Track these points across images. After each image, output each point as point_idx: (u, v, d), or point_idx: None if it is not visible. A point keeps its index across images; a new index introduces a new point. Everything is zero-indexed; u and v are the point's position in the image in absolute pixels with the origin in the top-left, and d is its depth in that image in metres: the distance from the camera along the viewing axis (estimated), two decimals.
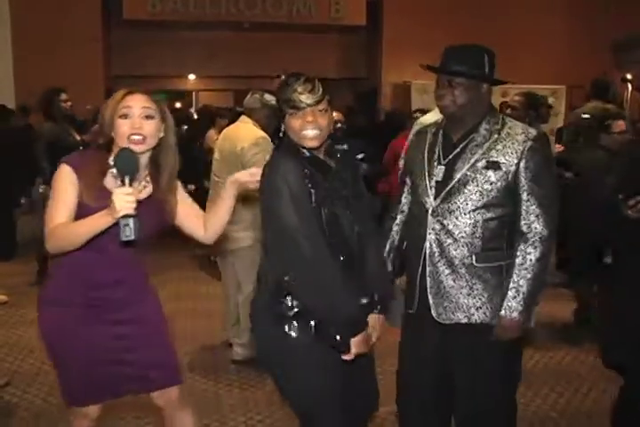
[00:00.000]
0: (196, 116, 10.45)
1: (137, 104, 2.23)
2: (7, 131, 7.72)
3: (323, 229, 2.16)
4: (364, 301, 2.30)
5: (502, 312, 2.39)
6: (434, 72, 2.49)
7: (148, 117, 2.24)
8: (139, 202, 2.02)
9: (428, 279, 2.48)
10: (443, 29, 12.10)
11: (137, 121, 2.21)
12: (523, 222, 2.39)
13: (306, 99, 2.12)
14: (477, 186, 2.38)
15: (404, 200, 2.73)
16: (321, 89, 2.15)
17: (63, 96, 5.65)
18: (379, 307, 2.36)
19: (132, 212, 1.95)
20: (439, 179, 2.45)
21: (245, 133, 4.04)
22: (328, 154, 2.28)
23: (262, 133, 3.98)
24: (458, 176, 2.41)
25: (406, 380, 2.70)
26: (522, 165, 2.37)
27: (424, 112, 5.32)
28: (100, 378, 2.41)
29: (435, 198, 2.45)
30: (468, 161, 2.41)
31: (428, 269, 2.48)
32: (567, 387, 3.87)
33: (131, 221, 1.95)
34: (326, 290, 2.13)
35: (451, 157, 2.46)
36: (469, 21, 12.02)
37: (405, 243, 2.68)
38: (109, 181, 2.24)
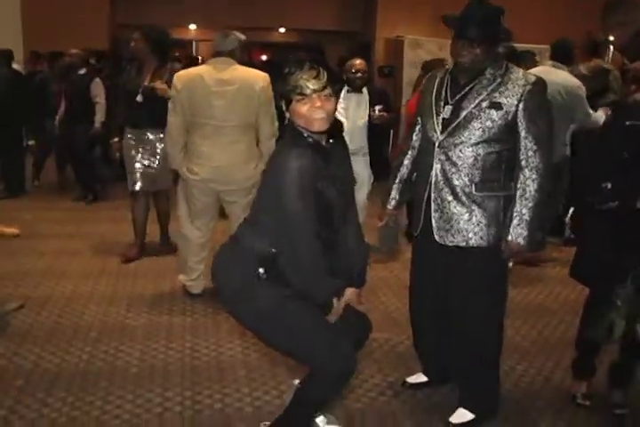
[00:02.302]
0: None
1: None
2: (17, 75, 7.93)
3: (318, 215, 2.28)
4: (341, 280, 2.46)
5: (509, 237, 2.74)
6: (459, 38, 2.70)
7: None
8: None
9: (433, 204, 2.84)
10: None
11: None
12: (521, 157, 2.72)
13: (312, 85, 2.20)
14: (481, 123, 2.71)
15: (414, 137, 3.10)
16: (325, 75, 2.22)
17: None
18: (357, 282, 2.57)
19: None
20: (446, 116, 2.78)
21: (252, 74, 4.12)
22: (328, 139, 2.37)
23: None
24: (464, 114, 2.74)
25: (416, 292, 3.13)
26: (521, 106, 2.69)
27: None
28: None
29: (441, 133, 2.78)
30: (474, 101, 2.73)
31: (433, 195, 2.83)
32: (538, 320, 4.20)
33: None
34: (311, 275, 2.32)
35: (458, 97, 2.78)
36: None
37: (415, 174, 3.04)
38: None
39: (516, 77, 2.74)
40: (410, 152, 3.13)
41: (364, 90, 5.18)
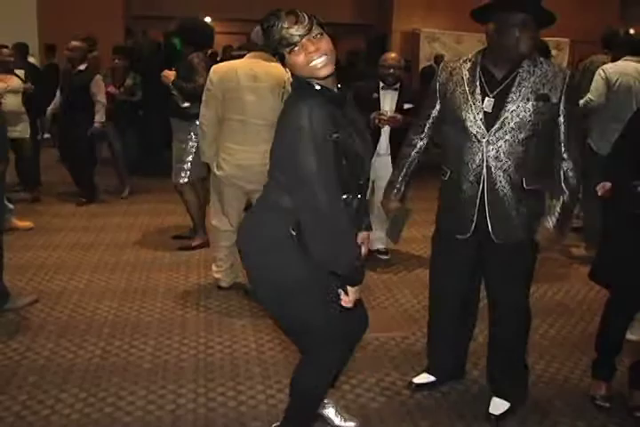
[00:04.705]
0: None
1: None
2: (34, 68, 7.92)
3: (350, 169, 2.17)
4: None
5: (547, 225, 2.72)
6: (524, 24, 2.54)
7: None
8: None
9: (487, 204, 2.73)
10: None
11: None
12: (563, 149, 2.69)
13: (296, 31, 2.03)
14: (530, 116, 2.62)
15: (426, 129, 2.97)
16: (306, 16, 2.05)
17: None
18: (367, 226, 2.52)
19: None
20: (488, 110, 2.66)
21: (281, 70, 4.02)
22: (336, 83, 2.22)
23: None
24: (511, 107, 2.63)
25: (443, 290, 3.06)
26: (563, 98, 2.64)
27: None
28: None
29: (487, 129, 2.66)
30: (519, 93, 2.62)
31: (486, 193, 2.72)
32: (558, 319, 4.13)
33: None
34: (334, 243, 2.11)
35: (498, 90, 2.66)
36: None
37: (449, 171, 2.84)
38: None
39: (552, 69, 2.68)
40: (419, 144, 3.01)
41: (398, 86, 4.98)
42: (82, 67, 6.68)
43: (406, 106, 4.94)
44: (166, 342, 3.67)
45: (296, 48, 2.05)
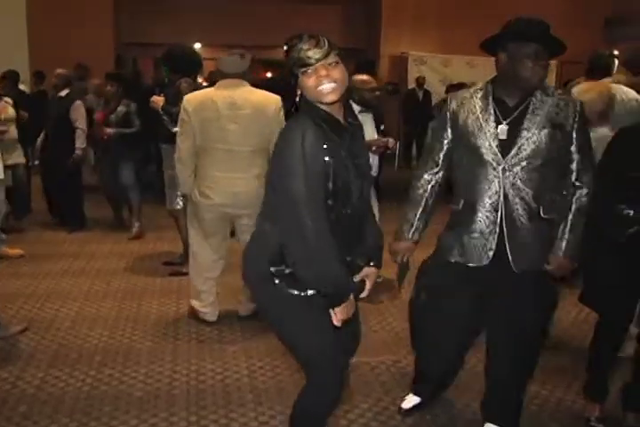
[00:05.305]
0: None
1: None
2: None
3: (335, 196, 2.17)
4: (358, 262, 2.40)
5: (559, 253, 2.74)
6: (537, 56, 2.56)
7: None
8: None
9: (506, 233, 2.69)
10: (438, 3, 12.35)
11: None
12: (576, 176, 2.72)
13: (313, 54, 2.09)
14: (545, 144, 2.62)
15: (440, 162, 2.86)
16: (326, 42, 2.12)
17: None
18: (378, 263, 2.49)
19: None
20: (503, 137, 2.64)
21: (264, 97, 4.05)
22: (344, 113, 2.26)
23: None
24: (527, 135, 2.62)
25: (446, 317, 2.92)
26: (576, 127, 2.67)
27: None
28: None
29: (503, 156, 2.64)
30: (534, 121, 2.63)
31: (505, 223, 2.68)
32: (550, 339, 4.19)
33: None
34: (316, 265, 2.14)
35: (511, 118, 2.66)
36: None
37: (463, 200, 2.78)
38: None
39: (565, 99, 2.71)
40: (436, 177, 2.89)
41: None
42: (63, 93, 6.72)
43: (382, 126, 5.03)
44: (158, 370, 3.65)
45: (309, 70, 2.11)
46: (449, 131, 2.81)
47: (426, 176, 2.89)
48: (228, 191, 4.04)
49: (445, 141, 2.84)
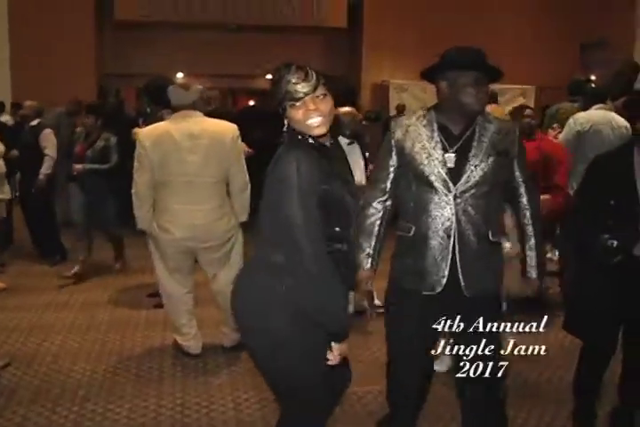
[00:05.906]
0: None
1: None
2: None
3: (335, 218, 2.18)
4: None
5: (532, 276, 2.85)
6: (476, 83, 2.61)
7: None
8: None
9: (459, 258, 2.70)
10: (418, 32, 12.57)
11: None
12: (518, 196, 2.83)
13: (302, 88, 2.09)
14: (492, 170, 2.67)
15: (388, 190, 2.85)
16: (314, 75, 2.12)
17: None
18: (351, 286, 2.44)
19: None
20: (451, 165, 2.68)
21: (220, 127, 4.06)
22: (331, 141, 2.29)
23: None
24: (475, 162, 2.67)
25: (410, 349, 2.94)
26: (516, 150, 2.75)
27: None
28: None
29: (454, 183, 2.67)
30: (480, 148, 2.68)
31: (457, 247, 2.69)
32: (535, 367, 4.13)
33: None
34: (320, 295, 2.13)
35: (457, 145, 2.70)
36: (443, 23, 12.52)
37: (414, 227, 2.76)
38: None
39: (505, 125, 2.79)
40: (384, 205, 2.88)
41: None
42: (34, 122, 6.76)
43: (367, 154, 5.10)
44: (142, 404, 3.60)
45: (298, 103, 2.12)
46: (394, 158, 2.81)
47: (375, 204, 2.88)
48: (188, 224, 3.98)
49: (392, 169, 2.84)
